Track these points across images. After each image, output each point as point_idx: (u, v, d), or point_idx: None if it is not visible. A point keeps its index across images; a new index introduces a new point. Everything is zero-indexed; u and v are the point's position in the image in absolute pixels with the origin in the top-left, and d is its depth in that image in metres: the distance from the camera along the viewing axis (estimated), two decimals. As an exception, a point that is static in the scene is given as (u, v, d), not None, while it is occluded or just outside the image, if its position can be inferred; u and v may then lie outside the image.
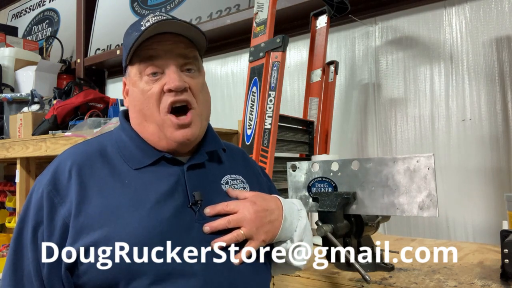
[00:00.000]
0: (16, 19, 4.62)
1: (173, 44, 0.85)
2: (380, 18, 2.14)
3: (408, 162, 1.12)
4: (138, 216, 0.78)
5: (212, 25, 2.56)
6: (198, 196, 0.83)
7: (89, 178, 0.81)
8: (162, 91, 0.83)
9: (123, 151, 0.87)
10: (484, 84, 1.82)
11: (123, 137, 0.89)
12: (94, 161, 0.84)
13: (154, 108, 0.84)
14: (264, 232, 0.85)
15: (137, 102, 0.86)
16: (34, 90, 2.35)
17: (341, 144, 2.20)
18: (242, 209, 0.85)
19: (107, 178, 0.82)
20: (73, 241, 0.76)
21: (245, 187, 0.94)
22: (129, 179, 0.83)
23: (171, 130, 0.84)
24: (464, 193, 1.84)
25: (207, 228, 0.82)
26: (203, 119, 0.90)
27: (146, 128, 0.86)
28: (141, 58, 0.85)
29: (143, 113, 0.85)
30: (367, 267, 1.19)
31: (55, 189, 0.80)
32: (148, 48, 0.84)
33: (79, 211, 0.77)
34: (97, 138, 0.93)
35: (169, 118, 0.84)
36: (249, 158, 1.09)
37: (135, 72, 0.86)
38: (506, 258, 1.04)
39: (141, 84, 0.85)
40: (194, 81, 0.87)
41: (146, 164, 0.85)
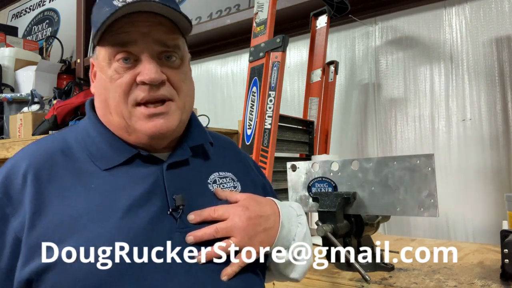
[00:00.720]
0: (16, 19, 4.62)
1: (151, 26, 0.70)
2: (380, 18, 2.14)
3: (408, 162, 1.12)
4: (106, 227, 0.64)
5: (212, 25, 2.55)
6: (179, 200, 0.70)
7: (48, 183, 0.68)
8: (134, 82, 0.70)
9: (91, 149, 0.73)
10: (484, 84, 1.82)
11: (91, 132, 0.75)
12: (55, 161, 0.70)
13: (121, 99, 0.70)
14: (258, 242, 0.73)
15: (102, 91, 0.72)
16: (34, 90, 2.35)
17: (341, 144, 2.20)
18: (233, 215, 0.72)
19: (69, 182, 0.68)
20: (26, 260, 0.63)
21: (236, 186, 0.81)
22: (96, 183, 0.69)
23: (141, 122, 0.70)
24: (464, 193, 1.84)
25: (191, 238, 0.69)
26: (185, 111, 0.76)
27: (112, 121, 0.73)
28: (112, 41, 0.69)
29: (108, 104, 0.72)
30: (367, 267, 1.19)
31: (7, 196, 0.67)
32: (121, 31, 0.69)
33: (34, 223, 0.64)
34: (61, 133, 0.78)
35: (137, 110, 0.70)
36: (241, 151, 0.95)
37: (104, 55, 0.71)
38: (506, 258, 1.04)
39: (110, 71, 0.71)
40: (175, 72, 0.73)
41: (118, 163, 0.72)
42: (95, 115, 0.77)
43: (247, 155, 0.97)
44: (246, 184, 0.84)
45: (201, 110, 2.42)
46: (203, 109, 2.51)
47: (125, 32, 0.69)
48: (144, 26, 0.70)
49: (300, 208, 0.89)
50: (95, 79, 0.77)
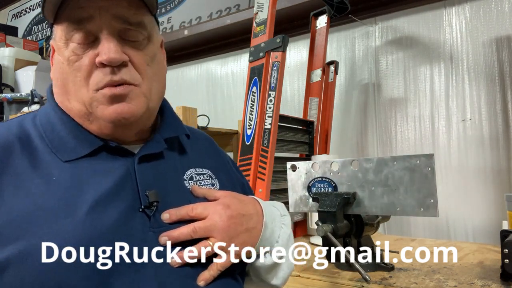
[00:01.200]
0: (16, 19, 4.62)
1: (110, 0, 0.62)
2: (380, 18, 2.14)
3: (408, 162, 1.12)
4: (69, 225, 0.56)
5: (212, 25, 2.55)
6: (153, 196, 0.63)
7: (3, 174, 0.60)
8: (94, 64, 0.62)
9: (51, 137, 0.65)
10: (484, 84, 1.82)
11: (52, 119, 0.67)
12: (10, 150, 0.62)
13: (81, 84, 0.62)
14: (239, 243, 0.67)
15: (60, 75, 0.65)
16: (34, 90, 2.35)
17: (341, 144, 2.20)
18: (212, 213, 0.66)
19: (26, 173, 0.60)
20: None
21: (214, 183, 0.75)
22: (57, 175, 0.61)
23: (102, 107, 0.63)
24: (464, 193, 1.84)
25: (165, 239, 0.62)
26: (152, 98, 0.68)
27: (71, 109, 0.66)
28: (66, 17, 0.62)
29: (67, 90, 0.64)
30: (367, 267, 1.19)
31: None
32: (77, 6, 0.61)
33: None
34: (18, 119, 0.69)
35: (98, 93, 0.62)
36: (219, 148, 0.88)
37: (60, 35, 0.63)
38: (506, 258, 1.04)
39: (67, 52, 0.63)
40: (139, 53, 0.65)
41: (82, 155, 0.64)
42: (55, 101, 0.69)
43: (224, 152, 0.89)
44: (224, 182, 0.78)
45: (201, 110, 2.42)
46: (203, 109, 2.51)
47: (80, 7, 0.61)
48: (101, 1, 0.61)
49: (283, 208, 0.83)
50: (53, 62, 0.68)
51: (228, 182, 0.79)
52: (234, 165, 0.89)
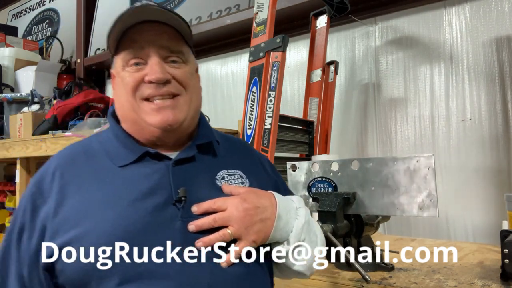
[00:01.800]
0: (16, 19, 4.62)
1: (156, 35, 0.80)
2: (380, 18, 2.14)
3: (408, 162, 1.12)
4: (113, 214, 0.74)
5: (212, 25, 2.56)
6: (182, 192, 0.77)
7: (70, 178, 0.79)
8: (143, 81, 0.79)
9: (109, 149, 0.83)
10: (484, 84, 1.82)
11: (110, 135, 0.86)
12: (77, 160, 0.82)
13: (130, 94, 0.80)
14: (254, 232, 0.78)
15: (119, 94, 0.83)
16: (34, 90, 2.35)
17: (341, 144, 2.20)
18: (230, 206, 0.78)
19: (87, 176, 0.79)
20: (49, 241, 0.75)
21: (244, 182, 0.86)
22: (111, 177, 0.79)
23: (149, 116, 0.79)
24: (464, 193, 1.84)
25: (192, 227, 0.75)
26: (192, 106, 0.84)
27: (127, 118, 0.83)
28: (124, 49, 0.81)
29: (122, 103, 0.82)
30: (367, 267, 1.19)
31: (39, 191, 0.79)
32: (130, 39, 0.80)
33: (57, 211, 0.76)
34: (88, 138, 0.90)
35: (144, 105, 0.80)
36: (254, 152, 1.01)
37: (120, 63, 0.82)
38: (506, 258, 1.04)
39: (124, 74, 0.81)
40: (180, 70, 0.82)
41: (130, 161, 0.80)
42: (114, 120, 0.88)
43: (261, 156, 1.03)
44: (253, 181, 0.88)
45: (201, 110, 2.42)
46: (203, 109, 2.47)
47: (133, 39, 0.80)
48: (149, 34, 0.80)
49: (300, 201, 0.91)
50: (115, 87, 0.87)
51: (258, 180, 0.90)
52: (269, 165, 1.00)
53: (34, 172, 2.09)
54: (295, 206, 0.87)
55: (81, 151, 0.84)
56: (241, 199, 0.79)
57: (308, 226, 0.87)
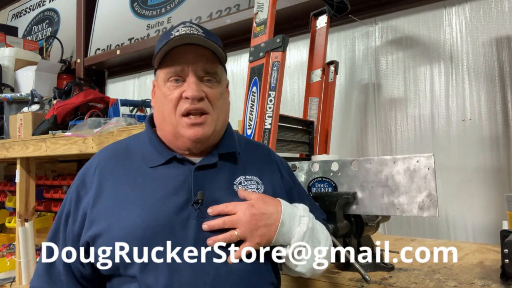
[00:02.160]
0: (16, 19, 4.62)
1: (196, 57, 0.92)
2: (380, 18, 2.14)
3: (408, 162, 1.12)
4: (139, 211, 0.86)
5: (212, 25, 2.55)
6: (200, 195, 0.89)
7: (109, 174, 0.93)
8: (181, 97, 0.91)
9: (143, 151, 0.97)
10: (484, 84, 1.82)
11: (145, 139, 0.99)
12: (117, 158, 0.96)
13: (171, 110, 0.92)
14: (258, 236, 0.88)
15: (159, 104, 0.95)
16: (34, 90, 2.35)
17: (341, 144, 2.20)
18: (239, 211, 0.88)
19: (123, 175, 0.93)
20: (86, 229, 0.89)
21: (259, 188, 0.97)
22: (142, 177, 0.92)
23: (184, 130, 0.91)
24: (464, 193, 1.84)
25: (205, 226, 0.87)
26: (219, 123, 0.96)
27: (165, 127, 0.95)
28: (167, 66, 0.93)
29: (163, 114, 0.94)
30: (367, 267, 1.19)
31: (83, 183, 0.94)
32: (174, 59, 0.92)
33: (95, 203, 0.90)
34: (125, 139, 1.05)
35: (183, 120, 0.92)
36: (274, 158, 1.10)
37: (162, 77, 0.94)
38: (506, 258, 1.04)
39: (164, 88, 0.93)
40: (212, 90, 0.94)
41: (159, 164, 0.93)
42: (149, 126, 1.01)
43: (281, 162, 1.11)
44: (269, 187, 0.99)
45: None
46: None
47: (176, 60, 0.92)
48: (190, 57, 0.92)
49: (305, 210, 0.98)
50: (154, 95, 0.99)
51: (272, 186, 1.00)
52: (287, 171, 1.10)
53: (34, 172, 2.09)
54: (299, 214, 0.95)
55: (121, 151, 0.99)
56: (250, 205, 0.89)
57: (312, 233, 0.94)
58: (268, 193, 0.97)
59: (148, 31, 3.09)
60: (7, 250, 2.42)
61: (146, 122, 1.04)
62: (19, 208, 2.04)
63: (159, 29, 3.02)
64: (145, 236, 0.84)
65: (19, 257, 2.02)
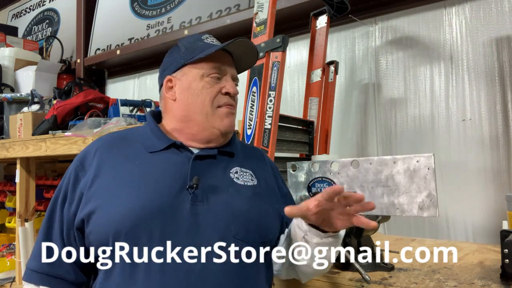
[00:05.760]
0: (16, 19, 4.62)
1: (231, 62, 1.07)
2: (380, 18, 2.14)
3: (408, 162, 1.12)
4: (135, 191, 0.90)
5: (212, 25, 2.56)
6: (195, 180, 0.92)
7: (108, 157, 0.97)
8: (219, 92, 1.01)
9: (143, 138, 1.02)
10: (484, 84, 1.82)
11: (146, 129, 1.05)
12: (116, 143, 1.01)
13: (209, 102, 0.99)
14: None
15: (190, 96, 1.01)
16: (34, 90, 2.35)
17: (341, 144, 2.20)
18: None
19: (123, 157, 0.97)
20: (82, 207, 0.92)
21: (253, 180, 1.02)
22: (140, 160, 0.96)
23: (220, 120, 1.00)
24: (464, 193, 1.84)
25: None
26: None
27: (195, 118, 1.00)
28: (209, 63, 1.01)
29: (195, 105, 1.00)
30: (367, 267, 1.19)
31: (81, 165, 0.98)
32: (217, 60, 1.03)
33: (93, 182, 0.93)
34: (125, 129, 1.13)
35: (219, 110, 1.00)
36: (267, 159, 1.16)
37: (196, 73, 1.01)
38: (506, 258, 1.04)
39: (202, 82, 1.00)
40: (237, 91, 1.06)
41: (159, 149, 0.98)
42: (153, 119, 1.06)
43: (273, 166, 1.17)
44: (261, 182, 1.04)
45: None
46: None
47: (220, 61, 1.03)
48: (228, 61, 1.06)
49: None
50: (171, 91, 1.04)
51: (265, 182, 1.05)
52: (279, 177, 1.15)
53: (34, 172, 2.09)
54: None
55: (119, 138, 1.04)
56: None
57: None
58: (261, 186, 1.02)
59: (148, 31, 3.09)
60: (7, 250, 2.42)
61: (148, 116, 1.09)
62: (19, 208, 2.04)
63: (159, 29, 3.02)
64: (139, 216, 0.87)
65: (19, 257, 2.02)
